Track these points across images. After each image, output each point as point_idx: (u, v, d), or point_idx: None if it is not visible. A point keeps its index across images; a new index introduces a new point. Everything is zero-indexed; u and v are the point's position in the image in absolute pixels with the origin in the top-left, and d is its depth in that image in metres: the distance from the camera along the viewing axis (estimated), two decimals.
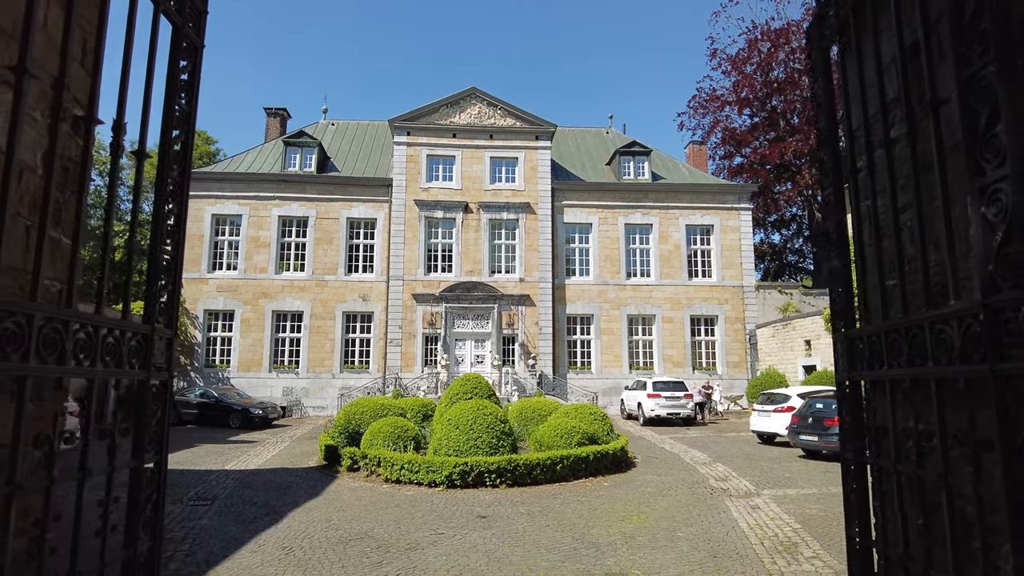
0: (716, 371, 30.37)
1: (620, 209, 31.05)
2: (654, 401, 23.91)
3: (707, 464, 14.30)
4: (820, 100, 3.54)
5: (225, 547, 7.32)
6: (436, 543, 7.52)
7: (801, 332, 26.78)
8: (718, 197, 31.75)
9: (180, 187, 3.20)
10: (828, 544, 7.41)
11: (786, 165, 40.60)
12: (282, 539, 7.71)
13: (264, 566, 6.59)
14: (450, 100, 30.79)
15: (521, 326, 29.40)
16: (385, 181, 30.39)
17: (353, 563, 6.68)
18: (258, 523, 8.56)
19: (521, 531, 8.11)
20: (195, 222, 29.54)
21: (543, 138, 30.91)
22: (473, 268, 29.75)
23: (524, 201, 30.23)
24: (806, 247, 47.17)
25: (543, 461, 11.84)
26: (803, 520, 8.68)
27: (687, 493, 10.89)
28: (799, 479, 12.36)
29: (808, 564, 6.65)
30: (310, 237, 29.92)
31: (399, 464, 11.83)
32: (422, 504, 9.96)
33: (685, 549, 7.26)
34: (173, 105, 3.09)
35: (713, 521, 8.71)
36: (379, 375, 28.90)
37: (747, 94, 41.41)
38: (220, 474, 12.79)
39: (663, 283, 30.68)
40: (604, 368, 29.95)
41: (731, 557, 6.95)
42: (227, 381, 28.21)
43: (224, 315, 29.40)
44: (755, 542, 7.59)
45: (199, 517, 8.93)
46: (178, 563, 6.66)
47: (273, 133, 34.76)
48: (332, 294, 29.59)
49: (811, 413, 15.52)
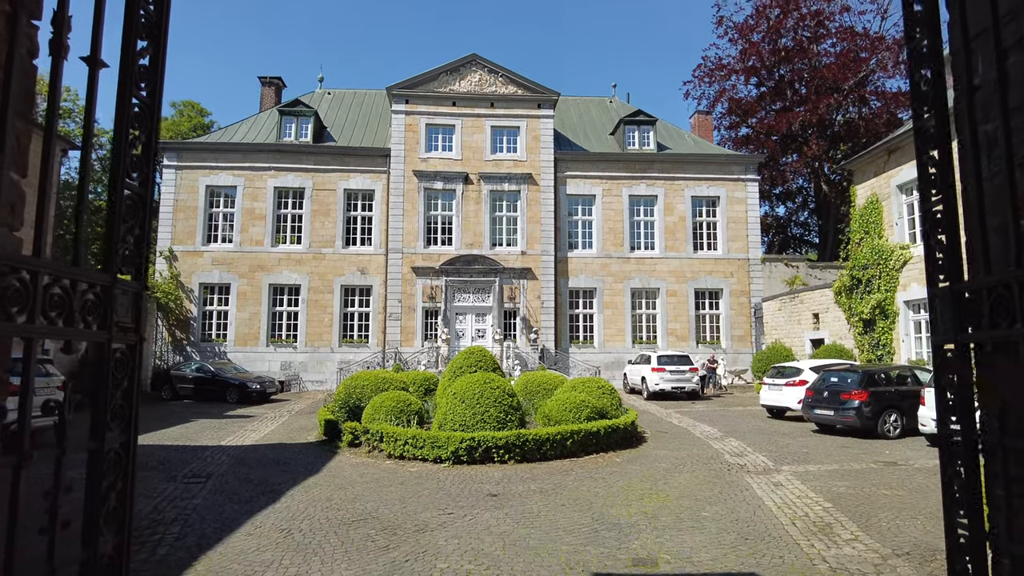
0: (720, 345, 29.94)
1: (624, 180, 30.33)
2: (658, 375, 23.51)
3: (719, 439, 13.87)
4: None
5: (219, 529, 6.82)
6: (446, 524, 7.03)
7: (809, 305, 26.28)
8: (724, 168, 31.03)
9: (150, 110, 2.59)
10: (865, 525, 6.94)
11: (793, 136, 39.76)
12: (280, 520, 7.22)
13: (260, 551, 6.09)
14: (450, 67, 29.87)
15: (523, 300, 28.86)
16: (383, 151, 29.60)
17: (357, 547, 6.18)
18: (255, 502, 8.07)
19: (536, 511, 7.62)
20: (189, 193, 28.84)
21: (545, 106, 30.05)
22: (474, 241, 29.11)
23: (526, 172, 29.48)
24: (812, 219, 46.57)
25: (553, 436, 11.36)
26: (832, 499, 8.21)
27: (704, 469, 10.43)
28: (817, 455, 11.92)
29: (849, 547, 6.17)
30: (307, 209, 29.21)
31: (403, 439, 11.34)
32: (428, 481, 9.49)
33: (713, 531, 6.77)
34: (138, 7, 2.48)
35: (738, 500, 8.24)
36: (378, 349, 28.42)
37: (754, 63, 40.42)
38: (216, 450, 12.32)
39: (668, 256, 30.09)
40: (607, 342, 29.49)
41: (764, 539, 6.47)
42: (224, 356, 27.72)
43: (220, 288, 28.80)
44: (786, 522, 7.11)
45: (192, 496, 8.44)
46: (167, 548, 6.15)
47: (268, 103, 33.86)
48: (330, 267, 28.98)
49: (826, 387, 15.06)
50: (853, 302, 22.93)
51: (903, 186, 21.32)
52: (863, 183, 23.52)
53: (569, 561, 5.77)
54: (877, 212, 22.38)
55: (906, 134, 20.99)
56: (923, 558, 5.85)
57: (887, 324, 21.52)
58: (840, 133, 40.68)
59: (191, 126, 45.05)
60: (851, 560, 5.80)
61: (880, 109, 38.87)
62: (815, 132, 39.26)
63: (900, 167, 21.26)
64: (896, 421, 14.19)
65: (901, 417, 14.20)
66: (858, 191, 23.85)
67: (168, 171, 29.10)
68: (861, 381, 14.47)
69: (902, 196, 21.52)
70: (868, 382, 14.48)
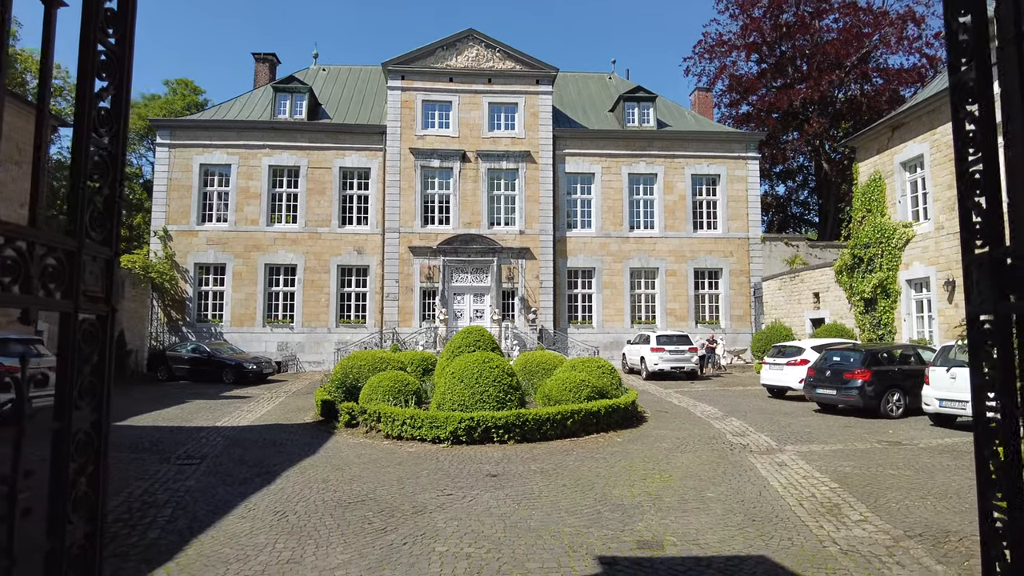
0: (719, 325, 29.81)
1: (624, 158, 29.98)
2: (658, 355, 23.40)
3: (720, 418, 13.74)
4: None
5: (212, 512, 6.65)
6: (444, 506, 6.86)
7: (810, 284, 26.10)
8: (725, 145, 30.67)
9: (119, 59, 2.34)
10: (874, 506, 6.78)
11: (794, 113, 39.29)
12: (275, 502, 7.05)
13: (254, 534, 5.91)
14: (446, 42, 29.35)
15: (521, 280, 28.64)
16: (379, 128, 29.18)
17: (354, 530, 6.01)
18: (249, 484, 7.90)
19: (537, 492, 7.46)
20: (183, 172, 28.46)
21: (544, 82, 29.59)
22: (471, 220, 28.81)
23: (524, 149, 29.10)
24: (811, 199, 46.25)
25: (553, 416, 11.20)
26: (839, 479, 8.06)
27: (706, 449, 10.29)
28: (820, 434, 11.79)
29: (859, 529, 6.01)
30: (302, 187, 28.85)
31: (401, 419, 11.18)
32: (427, 462, 9.33)
33: (719, 512, 6.61)
34: None
35: (742, 480, 8.09)
36: (376, 330, 28.23)
37: (755, 38, 39.83)
38: (211, 431, 12.15)
39: (667, 235, 29.84)
40: (605, 322, 29.32)
41: (771, 520, 6.32)
42: (220, 336, 27.53)
43: (215, 268, 28.54)
44: (792, 503, 6.96)
45: (186, 478, 8.27)
46: (158, 531, 5.97)
47: (262, 80, 33.29)
48: (326, 247, 28.69)
49: (829, 366, 14.91)
50: (854, 281, 22.75)
51: (907, 163, 21.04)
52: (866, 160, 23.22)
53: (572, 544, 5.61)
54: (880, 190, 22.12)
55: (910, 111, 20.67)
56: (936, 540, 5.70)
57: (889, 303, 21.36)
58: (842, 111, 40.23)
59: (185, 104, 44.40)
60: (862, 542, 5.64)
61: (883, 86, 38.40)
62: (816, 109, 38.80)
63: (904, 144, 20.97)
64: (899, 400, 14.07)
65: (904, 396, 14.07)
66: (860, 168, 23.56)
67: (161, 150, 28.69)
68: (864, 360, 14.33)
69: (905, 174, 21.25)
70: (871, 361, 14.33)
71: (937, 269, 19.25)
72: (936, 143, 19.37)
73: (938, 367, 12.78)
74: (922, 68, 37.49)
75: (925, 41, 37.92)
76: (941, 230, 19.13)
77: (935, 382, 12.69)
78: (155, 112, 41.90)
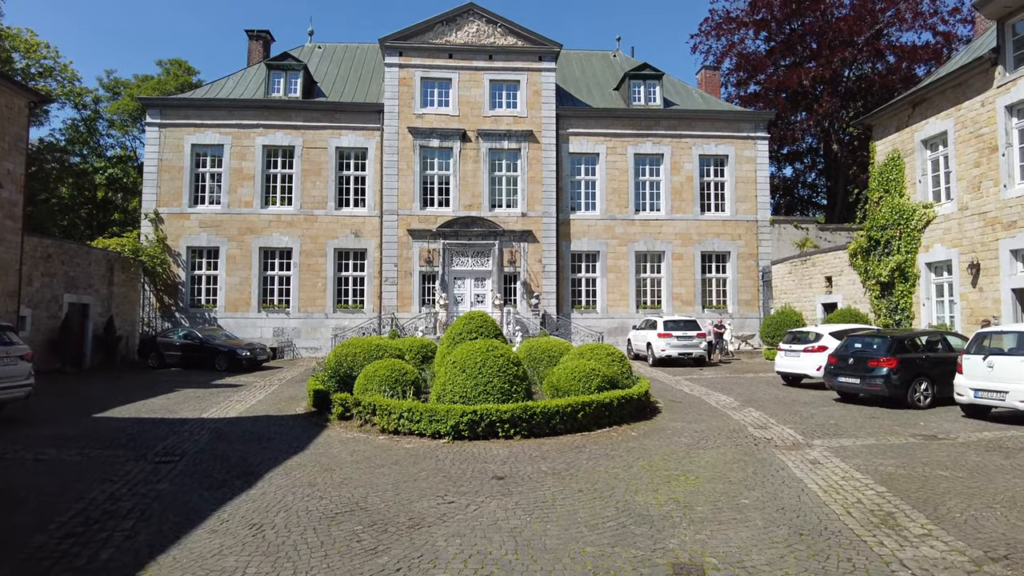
0: (727, 309, 28.97)
1: (629, 138, 28.95)
2: (665, 341, 22.60)
3: (737, 409, 12.93)
4: None
5: (179, 524, 5.81)
6: (445, 517, 6.03)
7: (821, 268, 25.20)
8: (734, 125, 29.63)
9: None
10: (935, 516, 5.95)
11: (803, 92, 38.14)
12: (252, 512, 6.21)
13: (223, 554, 5.07)
14: (446, 17, 28.22)
15: (523, 263, 27.74)
16: (376, 107, 28.14)
17: (339, 550, 5.17)
18: (227, 488, 7.06)
19: (550, 499, 6.63)
20: (174, 152, 27.47)
21: (547, 59, 28.50)
22: (472, 202, 27.86)
23: (526, 129, 28.07)
24: (820, 181, 45.18)
25: (563, 409, 10.36)
26: (883, 481, 7.23)
27: (729, 445, 9.46)
28: (847, 427, 10.96)
29: (926, 547, 5.17)
30: (297, 168, 27.86)
31: (397, 412, 10.35)
32: (425, 461, 8.50)
33: (760, 523, 5.78)
34: None
35: (776, 482, 7.26)
36: (374, 315, 27.39)
37: (764, 15, 38.61)
38: (196, 424, 11.33)
39: (674, 217, 28.90)
40: (610, 307, 28.47)
41: (821, 534, 5.48)
42: (214, 322, 26.70)
43: (208, 252, 27.64)
44: (839, 511, 6.13)
45: (158, 480, 7.44)
46: (112, 550, 5.13)
47: (256, 58, 32.17)
48: (322, 230, 27.77)
49: (852, 353, 14.04)
50: (870, 264, 21.85)
51: (928, 141, 20.06)
52: (883, 139, 22.23)
53: (596, 569, 4.76)
54: (898, 169, 21.15)
55: (933, 85, 19.66)
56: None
57: (907, 287, 20.48)
58: (853, 90, 39.10)
59: (178, 84, 43.17)
60: (935, 565, 4.80)
61: (896, 64, 37.25)
62: (826, 89, 37.67)
63: (926, 120, 19.97)
64: (927, 390, 13.23)
65: (932, 385, 13.23)
66: (877, 147, 22.57)
67: (151, 129, 27.68)
68: (890, 347, 13.46)
69: (926, 152, 20.27)
70: (897, 348, 13.47)
71: (960, 251, 18.34)
72: (961, 119, 18.37)
73: (972, 355, 11.93)
74: (937, 45, 36.31)
75: (940, 17, 36.73)
76: (965, 210, 18.19)
77: (969, 371, 11.83)
78: (148, 92, 40.75)
